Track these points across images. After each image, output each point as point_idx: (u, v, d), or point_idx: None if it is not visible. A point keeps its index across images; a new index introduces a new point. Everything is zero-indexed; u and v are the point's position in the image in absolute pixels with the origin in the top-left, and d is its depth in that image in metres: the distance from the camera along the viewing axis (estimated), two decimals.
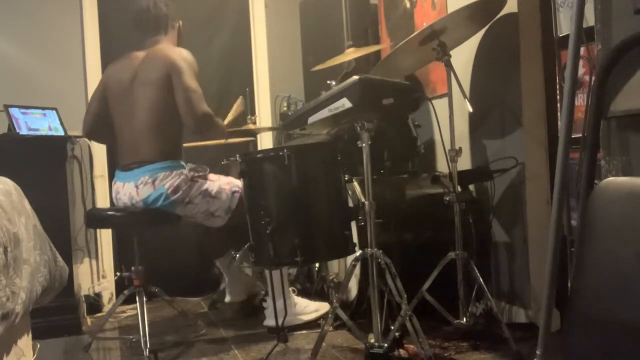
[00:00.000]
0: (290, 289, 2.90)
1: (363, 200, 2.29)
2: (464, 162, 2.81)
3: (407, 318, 2.13)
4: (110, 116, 2.83)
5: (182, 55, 2.67)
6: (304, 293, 3.08)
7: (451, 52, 2.41)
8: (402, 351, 2.23)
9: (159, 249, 3.57)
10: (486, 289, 2.31)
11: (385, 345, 2.12)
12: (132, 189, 2.68)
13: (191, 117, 2.61)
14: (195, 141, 3.28)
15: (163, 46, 2.74)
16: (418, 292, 2.36)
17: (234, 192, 2.77)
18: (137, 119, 2.69)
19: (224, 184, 2.78)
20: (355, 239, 2.42)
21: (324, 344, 2.29)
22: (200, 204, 2.71)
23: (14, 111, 3.12)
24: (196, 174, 2.72)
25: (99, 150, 3.70)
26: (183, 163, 2.73)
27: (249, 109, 3.52)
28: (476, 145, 2.84)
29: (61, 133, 3.26)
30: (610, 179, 1.51)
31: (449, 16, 2.39)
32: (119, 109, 2.79)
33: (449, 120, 2.41)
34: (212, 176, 2.79)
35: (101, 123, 2.86)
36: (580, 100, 2.17)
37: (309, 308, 2.86)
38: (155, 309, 3.34)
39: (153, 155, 2.66)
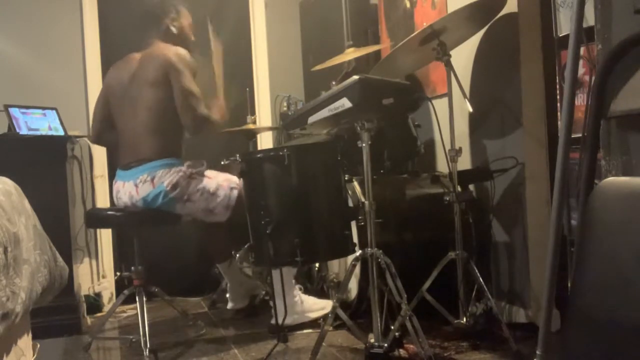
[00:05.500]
0: (297, 286, 2.90)
1: (363, 200, 2.29)
2: (464, 162, 2.81)
3: (407, 318, 2.13)
4: (112, 117, 2.85)
5: (179, 55, 2.68)
6: (305, 293, 3.07)
7: (451, 52, 2.41)
8: (402, 351, 2.23)
9: (159, 249, 3.57)
10: (486, 289, 2.31)
11: (385, 345, 2.12)
12: (132, 188, 2.68)
13: (190, 119, 2.64)
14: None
15: (161, 46, 2.75)
16: (418, 292, 2.36)
17: (232, 189, 2.78)
18: (137, 119, 2.70)
19: (222, 181, 2.78)
20: (355, 239, 2.42)
21: (324, 344, 2.29)
22: (199, 201, 2.72)
23: (14, 111, 3.11)
24: (194, 171, 2.72)
25: (99, 150, 3.70)
26: (182, 161, 2.74)
27: (249, 108, 3.53)
28: (476, 145, 2.84)
29: (61, 133, 3.26)
30: (610, 179, 1.51)
31: (449, 16, 2.39)
32: (119, 109, 2.82)
33: (449, 120, 2.41)
34: (209, 173, 2.80)
35: (108, 127, 2.89)
36: (580, 100, 2.16)
37: (316, 306, 2.86)
38: (155, 309, 3.34)
39: (152, 153, 2.68)
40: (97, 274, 3.70)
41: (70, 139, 3.30)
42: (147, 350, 2.49)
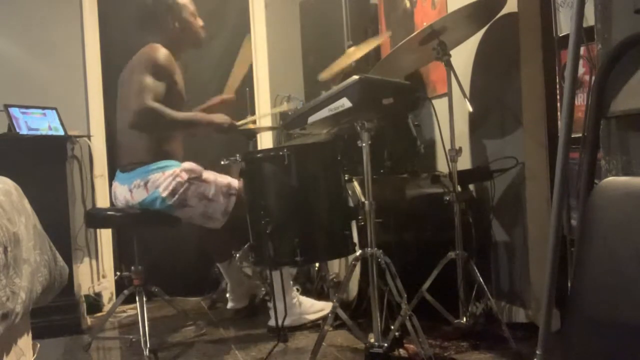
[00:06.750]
0: (295, 288, 2.90)
1: (363, 200, 2.29)
2: (464, 162, 2.80)
3: (407, 318, 2.13)
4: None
5: (148, 53, 2.69)
6: (304, 293, 3.08)
7: (451, 52, 2.41)
8: (402, 351, 2.23)
9: (159, 249, 3.57)
10: (486, 289, 2.31)
11: (385, 345, 2.12)
12: (126, 193, 2.70)
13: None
14: None
15: (148, 46, 2.75)
16: (418, 292, 2.35)
17: (230, 195, 2.75)
18: (127, 121, 2.71)
19: (221, 187, 2.75)
20: (355, 239, 2.42)
21: (324, 343, 2.29)
22: (197, 206, 2.70)
23: (14, 111, 3.11)
24: (192, 175, 2.70)
25: (99, 150, 3.70)
26: (177, 162, 2.73)
27: (249, 108, 3.52)
28: (476, 145, 2.84)
29: (61, 133, 3.26)
30: (610, 178, 1.51)
31: (449, 16, 2.39)
32: (118, 111, 2.84)
33: (449, 120, 2.41)
34: (208, 175, 2.77)
35: None
36: (580, 100, 2.16)
37: (314, 307, 2.85)
38: (155, 309, 3.34)
39: (145, 156, 2.69)
40: (97, 274, 3.70)
41: (70, 139, 3.30)
42: (147, 350, 2.49)
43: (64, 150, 3.17)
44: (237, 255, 2.80)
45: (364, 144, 2.16)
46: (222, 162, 2.67)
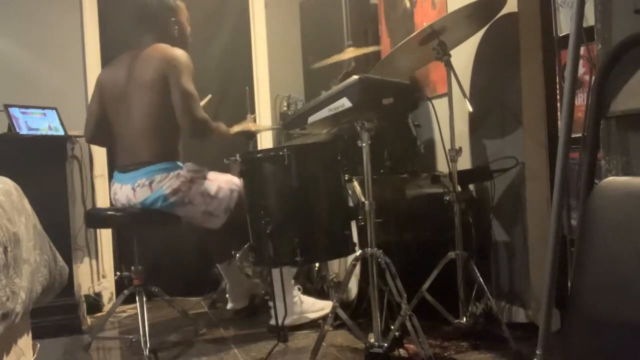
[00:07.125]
0: (297, 287, 2.90)
1: (363, 200, 2.29)
2: (464, 162, 2.80)
3: (407, 318, 2.13)
4: (108, 118, 2.83)
5: (178, 56, 2.66)
6: (305, 293, 3.07)
7: (451, 52, 2.41)
8: (402, 351, 2.23)
9: (159, 249, 3.57)
10: (486, 289, 2.31)
11: (385, 345, 2.12)
12: (129, 192, 2.68)
13: (188, 122, 2.62)
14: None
15: (160, 45, 2.72)
16: (418, 292, 2.36)
17: (232, 191, 2.77)
18: (133, 121, 2.69)
19: (223, 183, 2.78)
20: (355, 239, 2.42)
21: (324, 343, 2.29)
22: (199, 204, 2.71)
23: (14, 111, 3.11)
24: (195, 175, 2.71)
25: (99, 150, 3.69)
26: (180, 164, 2.73)
27: (249, 108, 3.52)
28: (476, 145, 2.84)
29: (61, 133, 3.25)
30: (610, 178, 1.51)
31: (449, 16, 2.39)
32: (116, 111, 2.79)
33: (449, 120, 2.41)
34: (210, 175, 2.79)
35: (103, 127, 2.87)
36: (580, 100, 2.16)
37: (315, 306, 2.85)
38: (155, 309, 3.34)
39: (150, 156, 2.67)
40: (97, 274, 3.70)
41: (70, 139, 3.30)
42: (147, 350, 2.49)
43: (64, 150, 3.17)
44: (237, 255, 2.81)
45: (364, 144, 2.16)
46: (225, 161, 2.67)
